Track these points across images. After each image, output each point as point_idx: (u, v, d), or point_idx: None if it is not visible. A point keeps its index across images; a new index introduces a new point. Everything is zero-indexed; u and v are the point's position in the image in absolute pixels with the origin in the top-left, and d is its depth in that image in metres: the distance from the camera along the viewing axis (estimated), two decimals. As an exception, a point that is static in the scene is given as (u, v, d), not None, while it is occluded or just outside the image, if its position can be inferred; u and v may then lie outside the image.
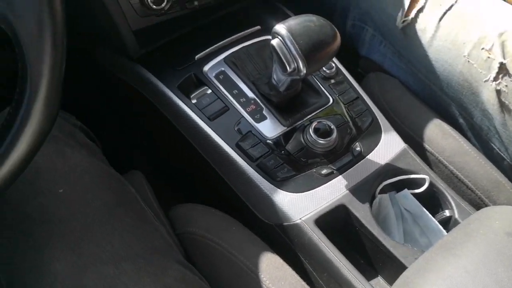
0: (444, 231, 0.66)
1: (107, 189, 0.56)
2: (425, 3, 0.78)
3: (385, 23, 0.83)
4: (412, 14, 0.78)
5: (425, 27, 0.77)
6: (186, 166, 0.79)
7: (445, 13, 0.76)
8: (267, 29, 0.78)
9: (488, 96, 0.73)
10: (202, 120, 0.67)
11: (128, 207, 0.56)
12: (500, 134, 0.75)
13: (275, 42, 0.56)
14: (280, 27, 0.55)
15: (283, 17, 0.80)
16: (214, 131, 0.67)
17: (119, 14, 0.66)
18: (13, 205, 0.52)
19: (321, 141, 0.64)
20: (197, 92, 0.70)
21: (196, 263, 0.59)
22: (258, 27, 0.78)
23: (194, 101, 0.69)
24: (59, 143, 0.57)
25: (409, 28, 0.79)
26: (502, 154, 0.76)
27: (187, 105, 0.69)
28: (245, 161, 0.65)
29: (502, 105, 0.72)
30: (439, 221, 0.67)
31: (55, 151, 0.56)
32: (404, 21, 0.79)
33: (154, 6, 0.67)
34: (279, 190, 0.63)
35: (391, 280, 0.64)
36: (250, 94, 0.70)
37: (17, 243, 0.50)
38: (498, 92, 0.72)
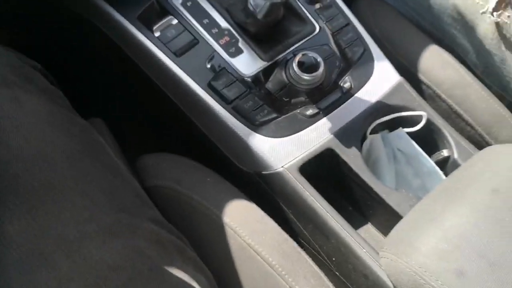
0: (440, 172, 0.61)
1: (70, 139, 0.48)
2: None
3: None
4: None
5: None
6: (151, 110, 0.71)
7: None
8: None
9: (485, 30, 0.64)
10: (168, 57, 0.58)
11: (94, 158, 0.49)
12: (498, 71, 0.67)
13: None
14: None
15: None
16: (181, 69, 0.58)
17: None
18: None
19: (306, 76, 0.56)
20: (161, 23, 0.59)
21: (169, 221, 0.53)
22: None
23: (157, 34, 0.59)
24: (14, 88, 0.48)
25: None
26: (500, 93, 0.69)
27: (149, 39, 0.59)
28: (218, 103, 0.57)
29: (502, 39, 0.64)
30: (436, 162, 0.61)
31: (9, 97, 0.47)
32: None
33: None
34: (258, 135, 0.56)
35: (381, 227, 0.59)
36: (223, 23, 0.60)
37: None
38: (498, 25, 0.63)
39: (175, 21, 0.60)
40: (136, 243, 0.43)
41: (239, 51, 0.59)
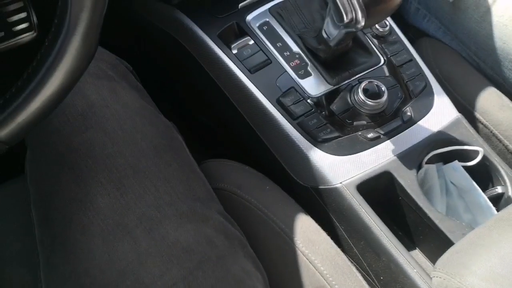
0: (493, 208, 0.61)
1: (156, 133, 0.54)
2: None
3: None
4: None
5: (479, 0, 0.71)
6: (217, 120, 0.76)
7: None
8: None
9: None
10: (242, 72, 0.63)
11: (175, 153, 0.54)
12: None
13: (333, -12, 0.51)
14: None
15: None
16: (254, 84, 0.63)
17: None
18: (63, 137, 0.50)
19: (370, 102, 0.60)
20: (239, 42, 0.65)
21: None
22: (308, -23, 0.72)
23: (234, 51, 0.65)
24: (112, 82, 0.55)
25: (461, 1, 0.72)
26: None
27: (227, 55, 0.64)
28: (285, 118, 0.61)
29: None
30: (489, 198, 0.62)
31: (109, 89, 0.54)
32: None
33: None
34: (319, 151, 0.59)
35: (431, 254, 0.60)
36: (295, 48, 0.65)
37: (61, 175, 0.48)
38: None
39: (251, 42, 0.65)
40: (207, 231, 0.47)
41: (307, 74, 0.64)
